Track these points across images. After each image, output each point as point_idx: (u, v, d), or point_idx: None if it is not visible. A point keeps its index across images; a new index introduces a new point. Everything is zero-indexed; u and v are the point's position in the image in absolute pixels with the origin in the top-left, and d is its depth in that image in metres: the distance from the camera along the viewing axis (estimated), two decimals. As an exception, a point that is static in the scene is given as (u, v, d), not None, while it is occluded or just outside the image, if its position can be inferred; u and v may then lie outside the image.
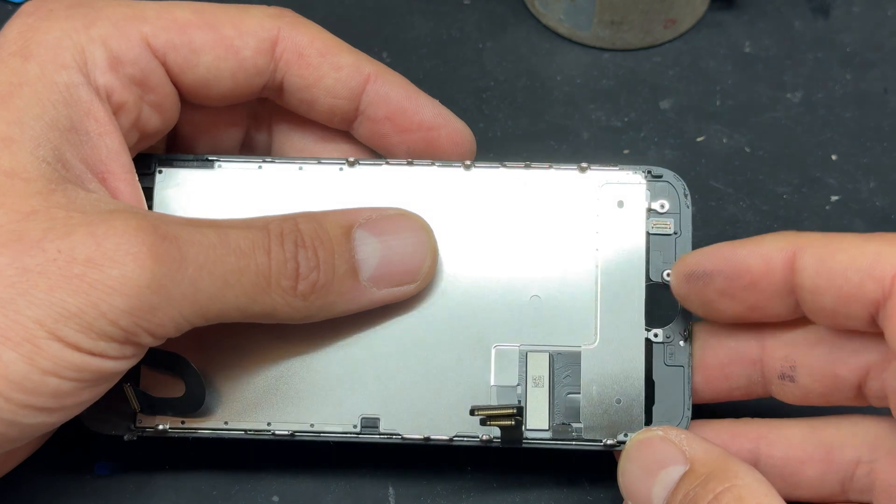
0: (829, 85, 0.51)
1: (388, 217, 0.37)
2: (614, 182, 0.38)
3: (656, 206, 0.38)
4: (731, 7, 0.53)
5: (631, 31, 0.51)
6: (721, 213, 0.47)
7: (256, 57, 0.38)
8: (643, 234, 0.38)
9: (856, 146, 0.49)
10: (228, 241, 0.34)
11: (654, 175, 0.38)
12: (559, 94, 0.51)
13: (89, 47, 0.36)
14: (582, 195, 0.38)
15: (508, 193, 0.38)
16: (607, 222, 0.38)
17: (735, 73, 0.51)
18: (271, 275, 0.34)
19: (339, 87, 0.39)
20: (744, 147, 0.49)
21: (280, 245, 0.35)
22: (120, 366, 0.34)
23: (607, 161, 0.38)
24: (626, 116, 0.50)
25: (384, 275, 0.36)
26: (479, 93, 0.51)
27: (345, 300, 0.36)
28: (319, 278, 0.35)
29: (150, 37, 0.37)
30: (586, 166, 0.38)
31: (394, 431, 0.37)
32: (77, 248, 0.32)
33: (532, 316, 0.37)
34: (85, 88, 0.35)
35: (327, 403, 0.37)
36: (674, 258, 0.37)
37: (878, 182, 0.48)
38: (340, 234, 0.36)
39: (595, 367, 0.37)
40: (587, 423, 0.37)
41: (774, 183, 0.48)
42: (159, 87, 0.37)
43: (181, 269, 0.33)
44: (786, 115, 0.50)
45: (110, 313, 0.32)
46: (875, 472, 0.36)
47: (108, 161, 0.36)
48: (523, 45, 0.52)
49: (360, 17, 0.53)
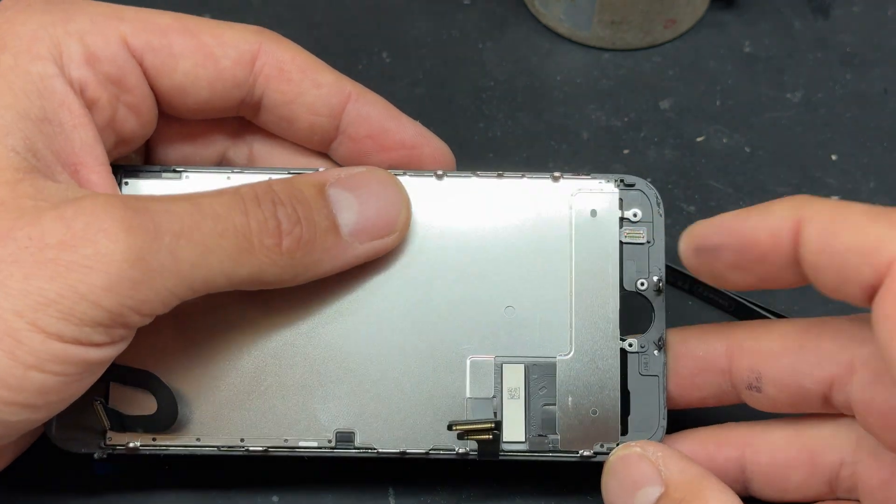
0: (829, 85, 0.51)
1: (359, 173, 0.37)
2: (586, 190, 0.38)
3: (629, 214, 0.38)
4: (731, 7, 0.53)
5: (631, 31, 0.51)
6: (721, 212, 0.47)
7: (235, 68, 0.37)
8: (616, 243, 0.37)
9: (856, 146, 0.49)
10: (202, 207, 0.34)
11: (626, 184, 0.38)
12: (559, 94, 0.51)
13: (65, 41, 0.35)
14: (555, 204, 0.38)
15: (481, 203, 0.38)
16: (580, 231, 0.37)
17: (735, 73, 0.51)
18: (252, 234, 0.34)
19: (319, 104, 0.38)
20: (744, 147, 0.49)
21: (256, 205, 0.34)
22: (107, 353, 0.33)
23: (582, 170, 0.38)
24: (626, 116, 0.50)
25: (364, 228, 0.36)
26: (479, 93, 0.51)
27: (330, 256, 0.36)
28: (303, 233, 0.35)
29: (129, 36, 0.36)
30: (559, 175, 0.38)
31: (369, 446, 0.37)
32: (47, 232, 0.32)
33: (507, 327, 0.37)
34: (59, 80, 0.35)
35: (301, 417, 0.37)
36: (647, 267, 0.37)
37: (878, 182, 0.48)
38: (314, 192, 0.36)
39: (570, 377, 0.37)
40: (563, 435, 0.37)
41: (774, 183, 0.48)
42: (136, 88, 0.37)
43: (157, 239, 0.32)
44: (786, 115, 0.50)
45: (91, 294, 0.31)
46: (857, 473, 0.36)
47: (81, 153, 0.35)
48: (523, 45, 0.52)
49: (360, 17, 0.53)
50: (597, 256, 0.37)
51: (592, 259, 0.37)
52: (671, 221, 0.46)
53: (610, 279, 0.37)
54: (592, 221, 0.37)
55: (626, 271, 0.37)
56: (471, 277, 0.38)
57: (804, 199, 0.33)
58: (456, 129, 0.49)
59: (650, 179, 0.39)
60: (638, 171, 0.48)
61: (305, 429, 0.37)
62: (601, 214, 0.37)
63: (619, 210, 0.38)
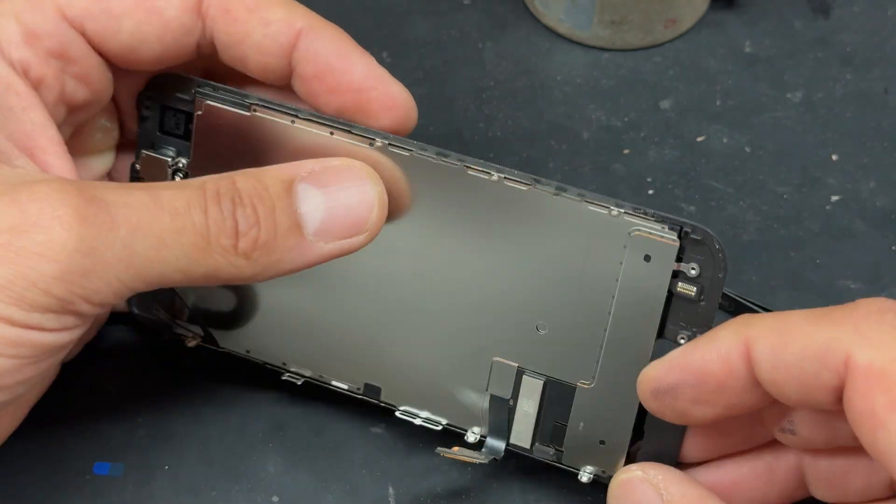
0: (829, 85, 0.51)
1: (332, 168, 0.35)
2: (645, 233, 0.34)
3: (686, 268, 0.34)
4: (732, 7, 0.53)
5: (631, 31, 0.51)
6: (721, 213, 0.47)
7: (182, 16, 0.36)
8: (664, 292, 0.35)
9: (856, 146, 0.49)
10: (161, 201, 0.33)
11: (692, 236, 0.34)
12: (559, 94, 0.51)
13: (0, 22, 0.35)
14: (609, 238, 0.34)
15: (535, 217, 0.35)
16: (629, 272, 0.35)
17: (735, 73, 0.51)
18: (210, 234, 0.33)
19: (268, 44, 0.37)
20: (744, 147, 0.49)
21: (216, 204, 0.34)
22: (61, 338, 0.33)
23: (643, 200, 0.35)
24: (626, 116, 0.50)
25: (330, 228, 0.35)
26: (479, 93, 0.51)
27: (291, 257, 0.35)
28: (260, 235, 0.34)
29: (65, 6, 0.35)
30: (619, 212, 0.34)
31: (392, 403, 0.39)
32: (0, 217, 0.31)
33: (534, 340, 0.37)
34: (1, 63, 0.35)
35: (339, 363, 0.39)
36: (692, 323, 0.35)
37: (878, 182, 0.48)
38: (281, 189, 0.35)
39: (587, 406, 0.36)
40: (568, 452, 0.37)
41: (774, 183, 0.48)
42: (82, 58, 0.36)
43: (112, 231, 0.32)
44: (786, 115, 0.50)
45: (41, 282, 0.31)
46: None
47: (34, 135, 0.35)
48: (523, 44, 0.52)
49: (360, 17, 0.53)
50: (641, 300, 0.35)
51: (636, 301, 0.35)
52: (671, 221, 0.47)
53: (649, 325, 0.35)
54: (644, 266, 0.34)
55: (669, 320, 0.35)
56: (508, 284, 0.36)
57: (745, 319, 0.32)
58: (456, 129, 0.49)
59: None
60: (638, 172, 0.48)
61: (341, 373, 0.39)
62: (655, 261, 0.34)
63: (676, 263, 0.34)
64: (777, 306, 0.43)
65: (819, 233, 0.46)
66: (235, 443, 0.40)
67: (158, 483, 0.39)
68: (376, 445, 0.40)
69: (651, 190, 0.47)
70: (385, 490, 0.39)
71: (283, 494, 0.39)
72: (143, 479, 0.39)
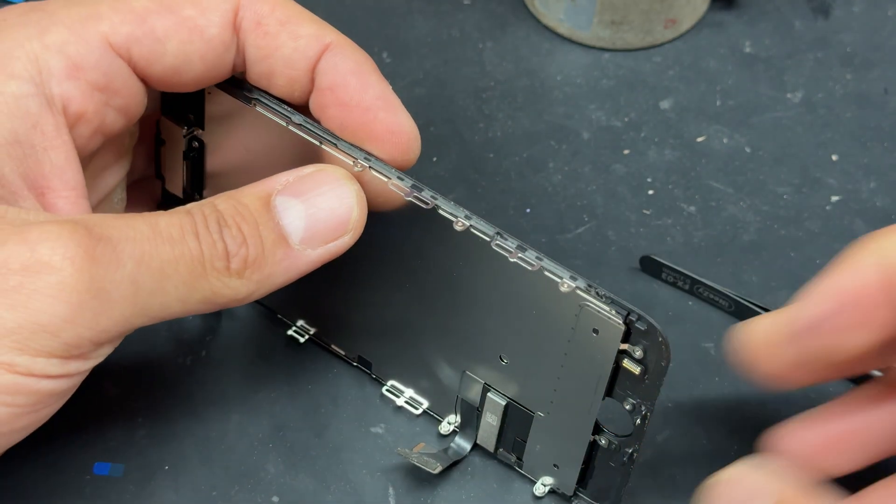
0: (829, 85, 0.51)
1: (306, 176, 0.36)
2: (594, 310, 0.34)
3: (632, 349, 0.34)
4: (732, 7, 0.53)
5: (631, 31, 0.51)
6: (721, 213, 0.47)
7: (223, 33, 0.36)
8: (611, 364, 0.35)
9: (856, 146, 0.49)
10: (160, 229, 0.33)
11: (636, 325, 0.34)
12: (559, 94, 0.51)
13: (44, 56, 0.34)
14: (562, 303, 0.35)
15: (494, 259, 0.35)
16: (579, 338, 0.35)
17: (735, 73, 0.51)
18: (205, 258, 0.33)
19: (296, 57, 0.37)
20: (744, 147, 0.49)
21: (205, 227, 0.34)
22: (61, 385, 0.32)
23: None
24: (626, 116, 0.50)
25: (314, 234, 0.35)
26: (479, 93, 0.51)
27: (283, 268, 0.35)
28: (249, 253, 0.34)
29: (110, 35, 0.35)
30: (570, 287, 0.34)
31: (380, 378, 0.41)
32: (11, 257, 0.31)
33: (498, 367, 0.38)
34: (35, 100, 0.34)
35: (340, 330, 0.41)
36: (640, 396, 0.35)
37: (878, 182, 0.48)
38: (260, 205, 0.35)
39: (543, 433, 0.37)
40: (527, 464, 0.39)
41: (774, 183, 0.48)
42: (124, 88, 0.36)
43: (119, 268, 0.32)
44: (786, 115, 0.50)
45: (51, 325, 0.31)
46: None
47: (49, 176, 0.35)
48: (523, 45, 0.52)
49: (360, 17, 0.53)
50: (590, 362, 0.35)
51: (585, 362, 0.35)
52: (671, 222, 0.46)
53: (597, 384, 0.35)
54: (593, 336, 0.35)
55: (617, 386, 0.35)
56: (473, 315, 0.37)
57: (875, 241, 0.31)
58: (456, 129, 0.49)
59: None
60: (638, 172, 0.48)
61: (340, 340, 0.41)
62: (602, 336, 0.34)
63: (622, 343, 0.34)
64: (777, 306, 0.43)
65: (819, 233, 0.46)
66: (235, 443, 0.40)
67: (158, 483, 0.39)
68: (376, 445, 0.40)
69: (651, 190, 0.47)
70: (385, 490, 0.39)
71: (283, 495, 0.39)
72: (143, 479, 0.39)
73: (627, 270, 0.45)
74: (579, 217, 0.47)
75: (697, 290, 0.44)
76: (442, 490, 0.39)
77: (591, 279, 0.34)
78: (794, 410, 0.41)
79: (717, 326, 0.43)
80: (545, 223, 0.46)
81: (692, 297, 0.44)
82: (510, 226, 0.46)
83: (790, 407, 0.41)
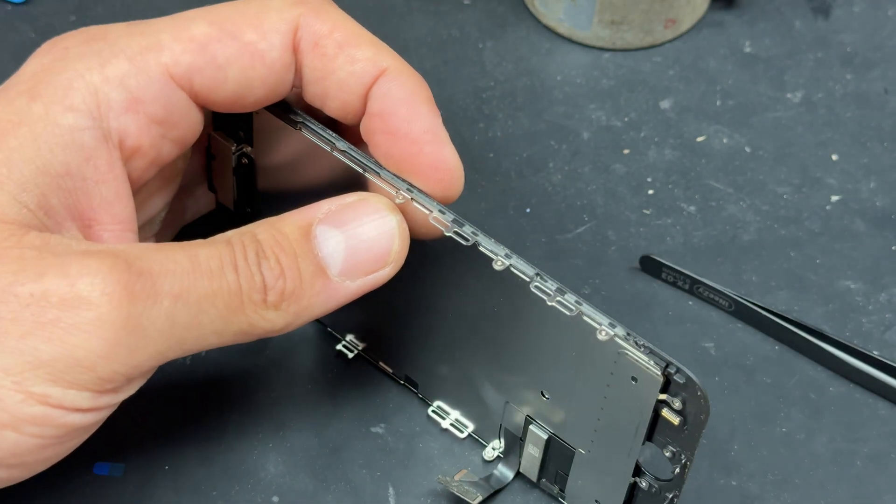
0: (829, 85, 0.51)
1: (348, 206, 0.35)
2: (633, 359, 0.33)
3: (671, 400, 0.33)
4: (732, 7, 0.53)
5: (631, 31, 0.51)
6: (721, 213, 0.47)
7: (283, 56, 0.36)
8: (650, 413, 0.34)
9: (856, 146, 0.49)
10: (199, 262, 0.33)
11: (675, 378, 0.33)
12: (559, 94, 0.51)
13: (104, 88, 0.34)
14: (600, 349, 0.34)
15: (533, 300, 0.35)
16: (618, 384, 0.34)
17: (735, 73, 0.51)
18: (242, 292, 0.33)
19: (352, 82, 0.36)
20: (744, 147, 0.49)
21: (244, 259, 0.33)
22: (89, 419, 0.32)
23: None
24: (626, 116, 0.50)
25: (353, 266, 0.35)
26: (479, 93, 0.51)
27: (320, 301, 0.35)
28: (286, 286, 0.34)
29: (171, 66, 0.34)
30: (609, 335, 0.33)
31: (427, 398, 0.41)
32: (50, 290, 0.31)
33: (540, 402, 0.37)
34: (91, 133, 0.34)
35: (388, 349, 0.41)
36: (679, 445, 0.34)
37: (878, 182, 0.48)
38: (300, 235, 0.34)
39: (584, 469, 0.37)
40: (569, 496, 0.38)
41: (774, 183, 0.48)
42: (183, 120, 0.35)
43: (157, 304, 0.31)
44: (786, 115, 0.50)
45: (86, 360, 0.31)
46: None
47: (98, 210, 0.34)
48: (523, 45, 0.52)
49: (360, 17, 0.53)
50: (629, 408, 0.34)
51: (625, 407, 0.34)
52: (671, 222, 0.46)
53: (636, 431, 0.35)
54: (632, 384, 0.34)
55: (657, 433, 0.34)
56: (515, 350, 0.37)
57: None
58: (456, 129, 0.49)
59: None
60: (638, 172, 0.48)
61: (390, 359, 0.42)
62: (641, 385, 0.33)
63: (660, 394, 0.33)
64: (777, 306, 0.43)
65: (819, 233, 0.46)
66: (235, 443, 0.40)
67: (158, 483, 0.39)
68: (376, 445, 0.40)
69: (651, 190, 0.47)
70: (385, 490, 0.39)
71: (283, 494, 0.39)
72: (143, 479, 0.39)
73: (627, 270, 0.45)
74: (579, 217, 0.47)
75: (697, 289, 0.44)
76: (442, 490, 0.39)
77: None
78: (794, 409, 0.41)
79: (717, 326, 0.43)
80: (545, 223, 0.46)
81: (692, 297, 0.44)
82: (510, 226, 0.46)
83: (790, 406, 0.41)
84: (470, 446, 0.40)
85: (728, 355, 0.43)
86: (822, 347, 0.42)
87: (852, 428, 0.41)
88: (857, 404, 0.42)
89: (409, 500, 0.39)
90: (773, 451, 0.40)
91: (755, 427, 0.41)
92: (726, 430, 0.41)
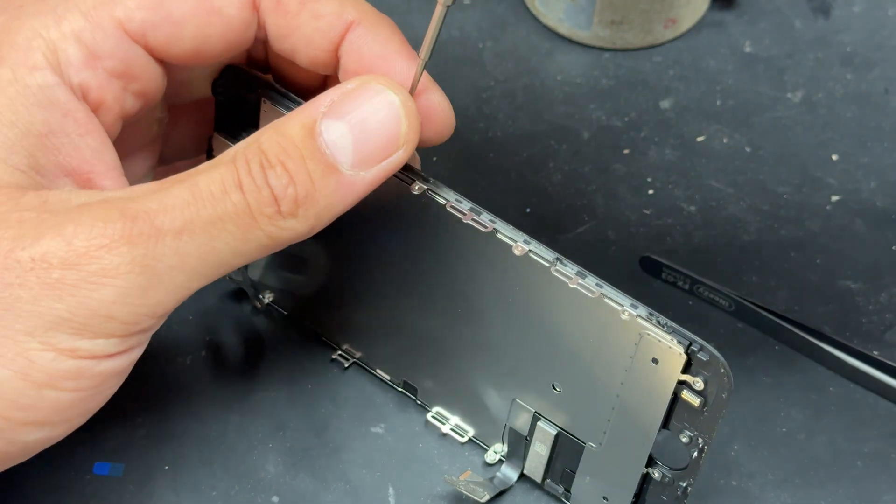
0: (829, 85, 0.51)
1: (348, 93, 0.34)
2: (655, 339, 0.33)
3: (692, 381, 0.33)
4: (732, 7, 0.53)
5: (631, 31, 0.51)
6: (721, 213, 0.47)
7: (242, 12, 0.36)
8: (669, 395, 0.34)
9: (856, 146, 0.49)
10: (199, 190, 0.32)
11: (699, 356, 0.33)
12: (559, 94, 0.51)
13: (61, 45, 0.34)
14: (621, 331, 0.34)
15: (552, 285, 0.35)
16: (638, 367, 0.34)
17: (735, 73, 0.51)
18: (252, 209, 0.33)
19: (318, 37, 0.36)
20: (744, 147, 0.49)
21: (248, 174, 0.33)
22: (122, 363, 0.33)
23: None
24: (626, 116, 0.50)
25: (365, 156, 0.34)
26: (479, 93, 0.51)
27: (339, 198, 0.34)
28: (298, 191, 0.33)
29: (125, 21, 0.35)
30: (631, 315, 0.33)
31: (426, 403, 0.41)
32: (49, 252, 0.31)
33: (550, 395, 0.37)
34: (61, 89, 0.34)
35: (386, 354, 0.41)
36: (697, 429, 0.34)
37: (878, 182, 0.48)
38: (304, 134, 0.33)
39: (594, 464, 0.37)
40: (575, 496, 0.38)
41: (774, 183, 0.48)
42: (142, 73, 0.35)
43: (159, 242, 0.31)
44: (786, 115, 0.50)
45: (102, 308, 0.31)
46: None
47: (92, 160, 0.34)
48: (523, 45, 0.52)
49: (359, 17, 0.53)
50: (647, 393, 0.34)
51: (643, 392, 0.34)
52: (671, 222, 0.46)
53: (654, 415, 0.35)
54: (652, 366, 0.34)
55: (673, 418, 0.34)
56: (527, 342, 0.36)
57: None
58: (456, 129, 0.49)
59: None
60: (638, 171, 0.48)
61: (385, 364, 0.41)
62: (662, 366, 0.33)
63: (682, 374, 0.33)
64: (777, 306, 0.43)
65: (819, 233, 0.46)
66: (235, 443, 0.40)
67: (158, 483, 0.39)
68: (376, 445, 0.40)
69: (651, 190, 0.47)
70: (385, 490, 0.39)
71: (283, 494, 0.39)
72: (143, 479, 0.39)
73: (627, 270, 0.45)
74: (579, 217, 0.47)
75: (697, 289, 0.44)
76: (442, 490, 0.39)
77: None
78: (794, 409, 0.41)
79: (717, 326, 0.43)
80: (545, 223, 0.46)
81: (692, 297, 0.44)
82: (510, 226, 0.46)
83: (790, 406, 0.41)
84: (471, 448, 0.40)
85: (728, 355, 0.43)
86: (822, 347, 0.42)
87: (852, 428, 0.41)
88: (857, 404, 0.42)
89: (409, 500, 0.39)
90: (773, 451, 0.40)
91: (755, 427, 0.41)
92: (726, 430, 0.41)
